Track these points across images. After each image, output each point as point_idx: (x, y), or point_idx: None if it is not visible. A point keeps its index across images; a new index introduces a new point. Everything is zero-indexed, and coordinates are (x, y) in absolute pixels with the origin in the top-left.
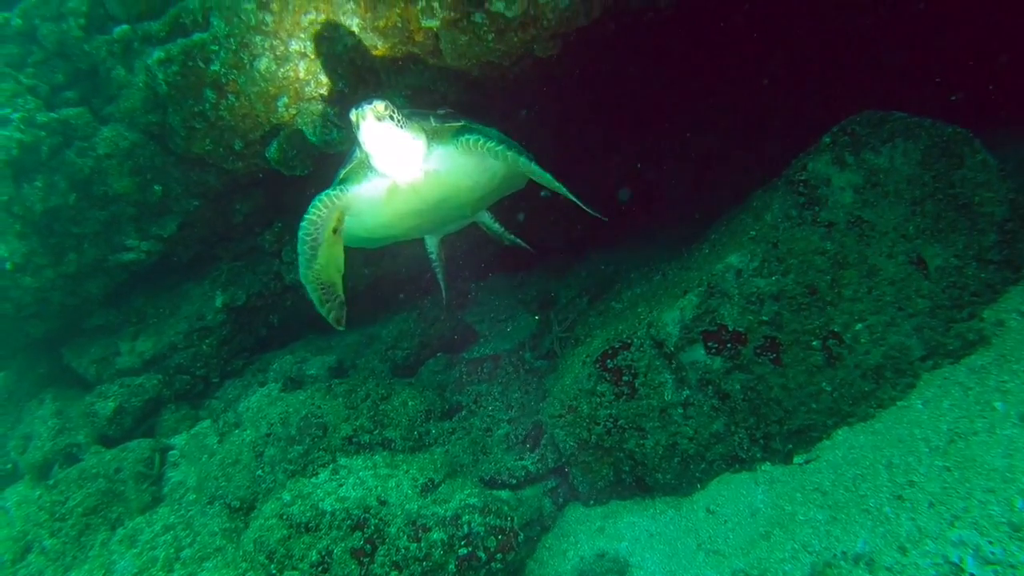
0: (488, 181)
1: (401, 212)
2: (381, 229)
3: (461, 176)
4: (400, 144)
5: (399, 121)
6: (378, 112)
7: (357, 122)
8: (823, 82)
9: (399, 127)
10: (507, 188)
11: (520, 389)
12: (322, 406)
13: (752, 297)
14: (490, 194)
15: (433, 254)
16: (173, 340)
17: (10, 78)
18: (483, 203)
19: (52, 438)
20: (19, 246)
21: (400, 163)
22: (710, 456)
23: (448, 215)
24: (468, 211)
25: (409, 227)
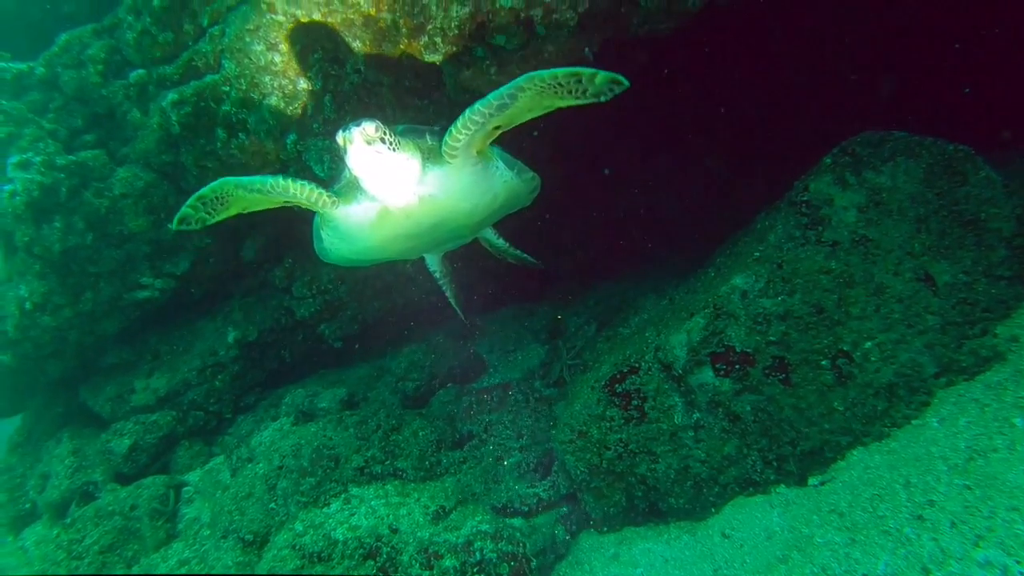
0: (489, 203)
1: (393, 236)
2: (371, 252)
3: (459, 199)
4: (392, 168)
5: (391, 143)
6: (367, 135)
7: (344, 146)
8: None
9: (391, 149)
10: (511, 207)
11: (530, 417)
12: (333, 437)
13: (759, 318)
14: (492, 215)
15: (436, 272)
16: (186, 377)
17: (33, 123)
18: (484, 224)
19: (69, 476)
20: (38, 286)
21: (392, 187)
22: (723, 479)
23: (446, 237)
24: (467, 233)
25: (402, 250)
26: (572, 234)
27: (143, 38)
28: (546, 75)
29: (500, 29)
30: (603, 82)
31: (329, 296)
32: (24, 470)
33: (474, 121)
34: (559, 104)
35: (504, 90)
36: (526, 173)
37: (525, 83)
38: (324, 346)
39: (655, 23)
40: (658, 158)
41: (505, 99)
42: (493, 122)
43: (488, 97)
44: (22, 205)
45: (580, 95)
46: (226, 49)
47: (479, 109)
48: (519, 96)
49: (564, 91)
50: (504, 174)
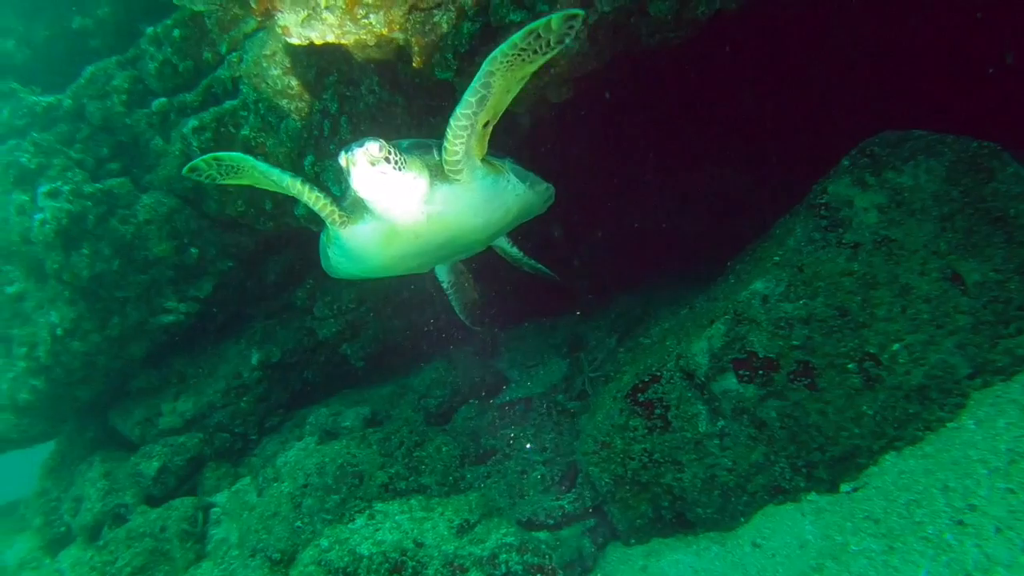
0: (501, 217)
1: (402, 255)
2: (381, 270)
3: (470, 216)
4: (398, 188)
5: (396, 162)
6: (371, 156)
7: (347, 167)
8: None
9: (397, 169)
10: (524, 217)
11: (553, 430)
12: (357, 455)
13: (781, 322)
14: (505, 227)
15: (445, 282)
16: (212, 399)
17: (61, 154)
18: (497, 236)
19: (101, 499)
20: (68, 312)
21: (399, 207)
22: (751, 488)
23: (457, 251)
24: (480, 245)
25: (413, 266)
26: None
27: (164, 67)
28: (506, 47)
29: None
30: (559, 24)
31: (350, 316)
32: (59, 494)
33: (461, 126)
34: (531, 69)
35: (476, 83)
36: (539, 185)
37: (491, 66)
38: (347, 366)
39: (665, 32)
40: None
41: (480, 91)
42: (480, 119)
43: (464, 97)
44: (52, 233)
45: (546, 49)
46: (244, 75)
47: (461, 112)
48: (492, 81)
49: (529, 53)
50: (516, 187)
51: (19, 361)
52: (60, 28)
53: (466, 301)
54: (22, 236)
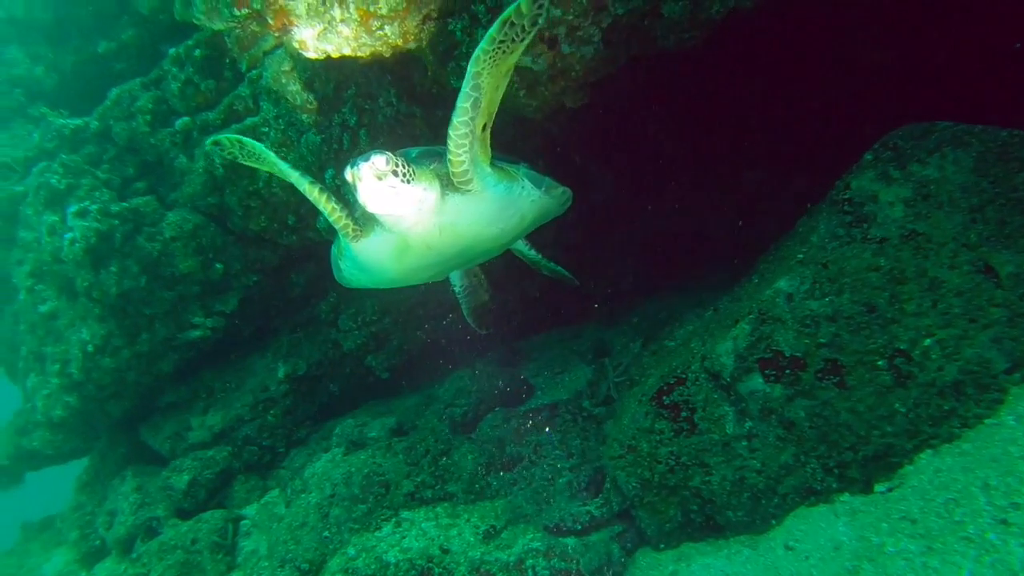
0: (516, 224)
1: (415, 267)
2: (395, 282)
3: (483, 225)
4: (408, 201)
5: (405, 174)
6: (377, 170)
7: (354, 182)
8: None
9: (406, 182)
10: (541, 221)
11: (579, 436)
12: (383, 464)
13: (806, 320)
14: (520, 234)
15: (457, 287)
16: (240, 413)
17: (89, 174)
18: (512, 243)
19: (134, 512)
20: (98, 329)
21: (409, 221)
22: (782, 489)
23: (472, 258)
24: (496, 253)
25: (426, 277)
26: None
27: (187, 87)
28: (485, 44)
29: (527, 51)
30: (528, 7)
31: (374, 328)
32: (93, 508)
33: (462, 135)
34: (514, 60)
35: (466, 87)
36: (555, 189)
37: (476, 67)
38: (372, 377)
39: (680, 33)
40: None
41: (472, 94)
42: (478, 124)
43: (458, 104)
44: (81, 251)
45: (522, 35)
46: (264, 91)
47: (458, 120)
48: (480, 82)
49: (508, 43)
50: (531, 193)
51: (52, 378)
52: (87, 53)
53: (476, 305)
54: (53, 255)
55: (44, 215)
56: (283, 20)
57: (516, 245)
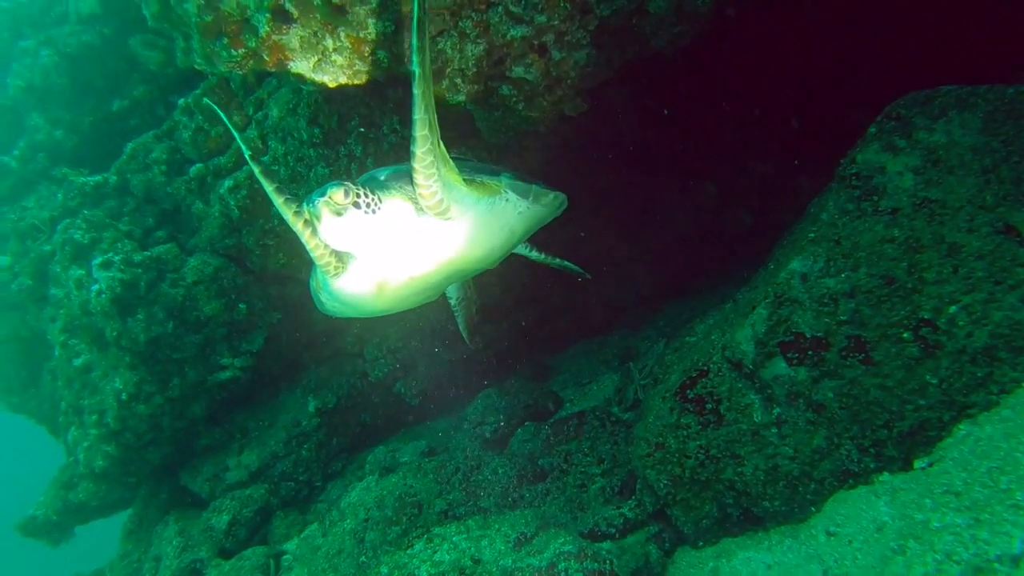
0: (506, 240)
1: (400, 298)
2: (380, 312)
3: (467, 248)
4: (375, 234)
5: (369, 204)
6: (335, 205)
7: (313, 222)
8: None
9: (371, 212)
10: (536, 228)
11: (609, 442)
12: (414, 485)
13: (824, 299)
14: (513, 246)
15: (453, 299)
16: (274, 449)
17: (111, 227)
18: (506, 255)
19: (177, 556)
20: (130, 376)
21: (382, 255)
22: (818, 474)
23: (464, 277)
24: (491, 267)
25: (417, 303)
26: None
27: (198, 135)
28: (415, 59)
29: (517, 60)
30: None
31: (400, 354)
32: (139, 555)
33: (428, 164)
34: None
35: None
36: (545, 196)
37: (418, 87)
38: (403, 405)
39: (670, 29)
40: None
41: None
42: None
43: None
44: (107, 302)
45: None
46: (271, 130)
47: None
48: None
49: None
50: (516, 204)
51: (91, 429)
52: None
53: (468, 317)
54: (82, 308)
55: (71, 270)
56: (278, 55)
57: (517, 251)
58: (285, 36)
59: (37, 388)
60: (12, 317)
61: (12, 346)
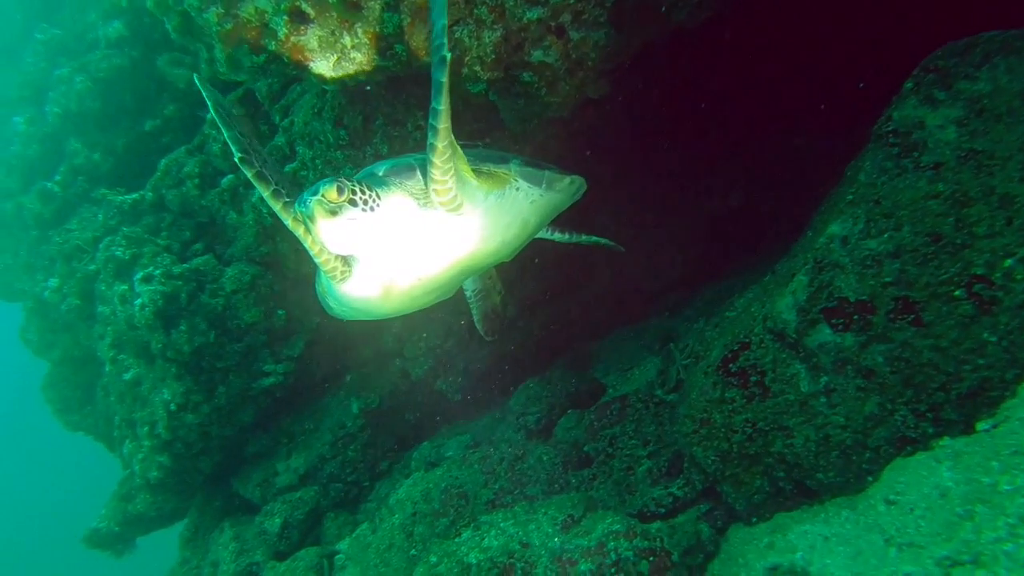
0: (520, 231)
1: (411, 298)
2: (393, 314)
3: (478, 243)
4: (377, 233)
5: (367, 201)
6: (329, 204)
7: (307, 224)
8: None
9: (369, 210)
10: (553, 215)
11: (654, 423)
12: (459, 476)
13: (867, 261)
14: (530, 236)
15: (468, 290)
16: (321, 452)
17: (150, 243)
18: (523, 246)
19: (234, 560)
20: (177, 387)
21: (386, 255)
22: (872, 442)
23: (479, 272)
24: (507, 259)
25: (431, 302)
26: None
27: (227, 147)
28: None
29: (535, 43)
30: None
31: (439, 351)
32: (197, 561)
33: (447, 159)
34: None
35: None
36: (560, 181)
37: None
38: (445, 402)
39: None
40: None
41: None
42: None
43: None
44: (151, 315)
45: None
46: (298, 136)
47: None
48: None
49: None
50: (529, 193)
51: (144, 440)
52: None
53: (487, 309)
54: (128, 323)
55: (114, 286)
56: (299, 57)
57: (540, 234)
58: (304, 37)
59: (92, 405)
60: (65, 338)
61: (67, 367)
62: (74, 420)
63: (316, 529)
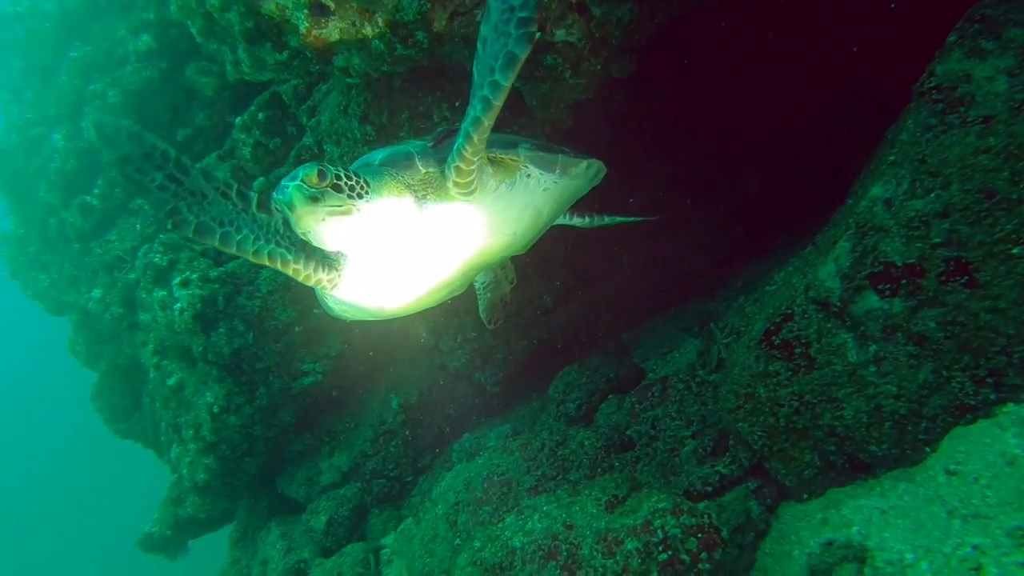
0: (533, 220)
1: (413, 298)
2: (400, 313)
3: (487, 236)
4: (367, 224)
5: (353, 188)
6: (309, 189)
7: (288, 214)
8: None
9: (355, 197)
10: (570, 203)
11: (696, 403)
12: (501, 464)
13: (913, 222)
14: (547, 225)
15: (478, 283)
16: (363, 449)
17: (186, 248)
18: (538, 236)
19: (282, 558)
20: (219, 389)
21: (379, 251)
22: (928, 411)
23: (490, 264)
24: (522, 251)
25: (437, 301)
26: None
27: (257, 150)
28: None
29: (557, 22)
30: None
31: (476, 344)
32: (247, 561)
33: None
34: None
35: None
36: (575, 166)
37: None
38: (485, 394)
39: None
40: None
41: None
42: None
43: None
44: (190, 319)
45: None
46: (325, 135)
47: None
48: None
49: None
50: (541, 180)
51: (190, 444)
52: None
53: (495, 298)
54: (168, 328)
55: (154, 292)
56: (321, 50)
57: (559, 221)
58: (325, 29)
59: (140, 413)
60: (110, 348)
61: (113, 376)
62: (123, 428)
63: (361, 525)
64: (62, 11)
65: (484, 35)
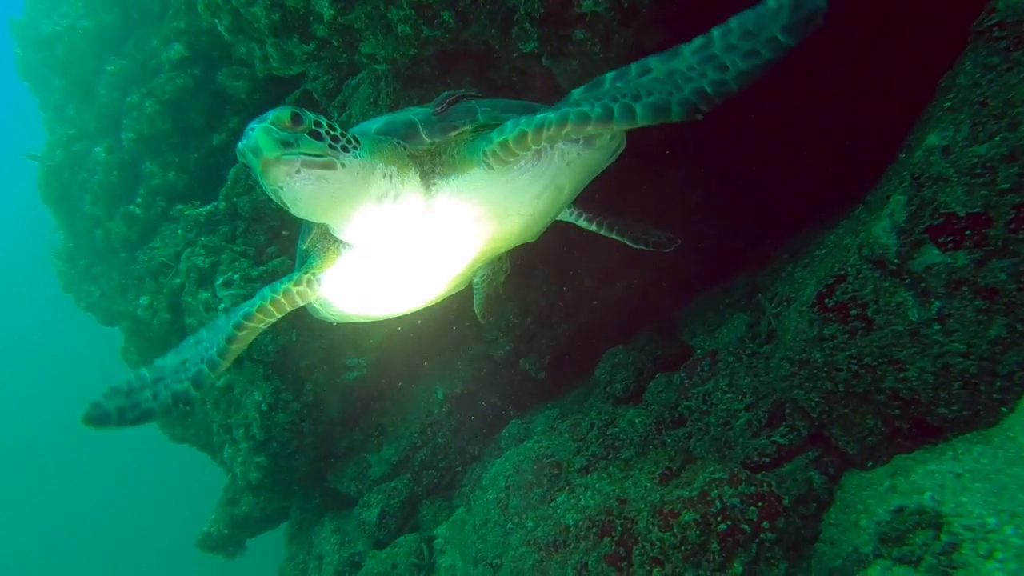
0: (553, 199)
1: (418, 289)
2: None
3: (503, 215)
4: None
5: (338, 137)
6: (282, 132)
7: (253, 163)
8: None
9: (338, 147)
10: (589, 178)
11: (748, 375)
12: (550, 446)
13: (976, 169)
14: (564, 205)
15: (476, 277)
16: (411, 440)
17: (227, 250)
18: (553, 219)
19: (337, 552)
20: (267, 387)
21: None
22: (1003, 369)
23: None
24: (532, 239)
25: (452, 288)
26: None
27: None
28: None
29: None
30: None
31: (518, 331)
32: (303, 556)
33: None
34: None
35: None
36: (599, 136)
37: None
38: (531, 382)
39: None
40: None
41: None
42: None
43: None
44: None
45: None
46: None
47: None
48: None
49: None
50: (565, 152)
51: (241, 443)
52: (204, 148)
53: (490, 292)
54: None
55: (198, 294)
56: (347, 38)
57: (561, 216)
58: (349, 16)
59: (193, 417)
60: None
61: None
62: (177, 433)
63: (413, 517)
64: (98, 27)
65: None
